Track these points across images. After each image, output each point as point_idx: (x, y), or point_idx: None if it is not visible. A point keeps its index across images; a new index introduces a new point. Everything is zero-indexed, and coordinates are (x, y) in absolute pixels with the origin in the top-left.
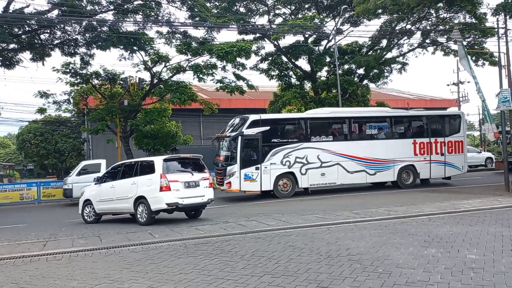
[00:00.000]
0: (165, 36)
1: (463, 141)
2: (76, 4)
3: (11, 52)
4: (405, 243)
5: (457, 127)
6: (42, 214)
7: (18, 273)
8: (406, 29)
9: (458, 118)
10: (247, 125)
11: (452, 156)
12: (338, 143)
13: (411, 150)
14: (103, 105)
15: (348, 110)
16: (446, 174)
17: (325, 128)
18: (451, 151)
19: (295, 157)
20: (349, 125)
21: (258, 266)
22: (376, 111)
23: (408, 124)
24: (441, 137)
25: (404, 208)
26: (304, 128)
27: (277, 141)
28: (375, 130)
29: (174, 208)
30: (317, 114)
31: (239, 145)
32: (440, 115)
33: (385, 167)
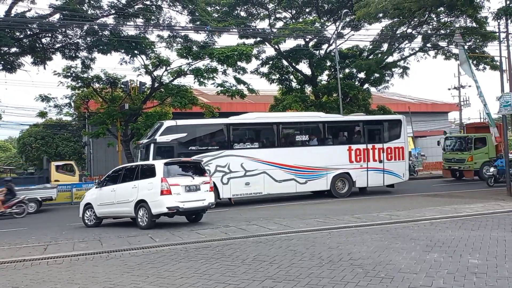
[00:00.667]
0: (166, 40)
1: (403, 147)
2: (78, 8)
3: (13, 55)
4: (407, 247)
5: (398, 133)
6: (43, 218)
7: (19, 276)
8: (407, 33)
9: (398, 123)
10: (160, 132)
11: (392, 163)
12: (265, 150)
13: (346, 157)
14: (104, 108)
15: (276, 115)
16: (385, 182)
17: (250, 134)
18: (391, 158)
19: (215, 165)
20: (277, 131)
21: (260, 271)
22: (308, 116)
23: (343, 130)
24: (379, 143)
25: (406, 212)
26: (226, 135)
27: (195, 148)
28: (306, 136)
29: (175, 212)
30: (240, 120)
31: (151, 153)
32: (378, 120)
33: (317, 175)
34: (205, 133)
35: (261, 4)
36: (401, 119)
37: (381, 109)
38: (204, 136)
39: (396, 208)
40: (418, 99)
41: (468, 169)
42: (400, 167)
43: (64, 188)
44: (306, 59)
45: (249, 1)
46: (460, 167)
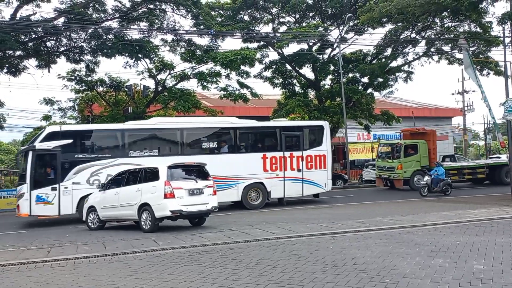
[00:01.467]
0: (169, 44)
1: (326, 155)
2: (82, 12)
3: (17, 59)
4: (411, 252)
5: (320, 140)
6: (45, 220)
7: (23, 279)
8: (411, 38)
9: (320, 130)
10: (42, 138)
11: (312, 172)
12: (165, 158)
13: (260, 166)
14: (107, 112)
15: (180, 120)
16: (304, 192)
17: (149, 141)
18: (311, 167)
19: (106, 175)
20: (181, 138)
21: (263, 275)
22: (218, 121)
23: (257, 137)
24: (298, 151)
25: (410, 217)
26: (121, 141)
27: (82, 156)
28: (215, 143)
29: (178, 215)
30: (138, 125)
31: (30, 161)
32: (297, 126)
33: (227, 185)
34: (96, 140)
35: (264, 8)
36: (324, 126)
37: (384, 114)
38: (94, 142)
39: (400, 213)
40: (421, 104)
41: (397, 178)
42: (322, 177)
43: None
44: (309, 64)
45: (253, 6)
46: (390, 176)
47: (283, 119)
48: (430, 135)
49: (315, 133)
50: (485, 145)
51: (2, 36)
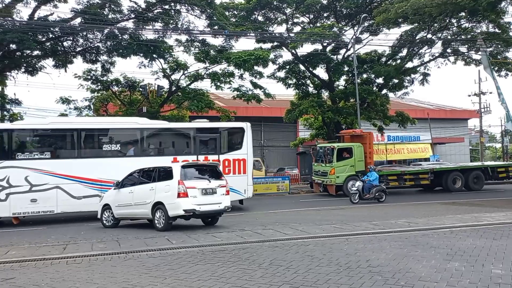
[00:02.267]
0: (184, 44)
1: (246, 159)
2: (98, 13)
3: (35, 58)
4: (427, 255)
5: (239, 143)
6: (61, 217)
7: (39, 275)
8: (427, 39)
9: (240, 132)
10: None
11: (230, 178)
12: (59, 161)
13: None
14: (122, 111)
15: (79, 120)
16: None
17: (40, 142)
18: (229, 172)
19: None
20: (78, 140)
21: (277, 275)
22: (122, 122)
23: (168, 139)
24: (214, 155)
25: (425, 220)
26: (7, 142)
27: None
28: (118, 145)
29: (191, 214)
30: (26, 125)
31: None
32: (214, 128)
33: None
34: None
35: (278, 8)
36: (244, 127)
37: (399, 115)
38: None
39: (415, 216)
40: (437, 106)
41: (330, 183)
42: (241, 182)
43: None
44: (323, 64)
45: (267, 6)
46: (324, 181)
47: (203, 120)
48: (366, 138)
49: (234, 135)
50: (502, 147)
51: (20, 36)
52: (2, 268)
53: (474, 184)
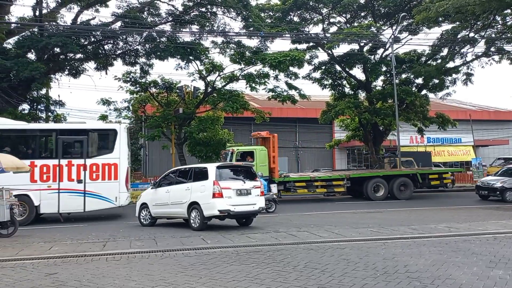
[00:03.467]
0: (219, 46)
1: (118, 164)
2: (138, 16)
3: (78, 61)
4: (468, 262)
5: (111, 146)
6: (100, 215)
7: (80, 271)
8: (469, 37)
9: (112, 135)
10: None
11: (99, 184)
12: None
13: (26, 175)
14: (159, 112)
15: None
16: (87, 207)
17: None
18: (97, 177)
19: None
20: None
21: (311, 278)
22: None
23: (24, 141)
24: (80, 159)
25: (466, 225)
26: None
27: None
28: None
29: (226, 215)
30: None
31: None
32: (80, 129)
33: None
34: None
35: (314, 9)
36: (117, 130)
37: (440, 117)
38: None
39: (456, 221)
40: (479, 107)
41: None
42: (112, 189)
43: None
44: (360, 64)
45: (303, 6)
46: None
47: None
48: (270, 140)
49: (104, 138)
50: None
51: (64, 40)
52: (46, 263)
53: (401, 192)
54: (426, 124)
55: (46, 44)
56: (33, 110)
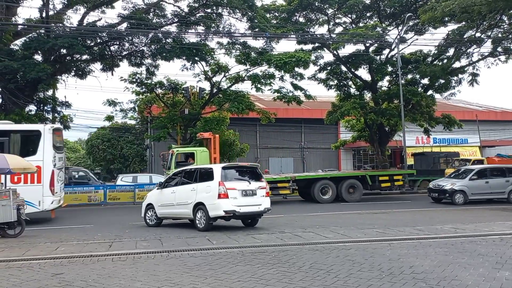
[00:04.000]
0: (225, 47)
1: (41, 166)
2: (144, 17)
3: (84, 62)
4: (474, 263)
5: (34, 148)
6: (107, 216)
7: (86, 271)
8: (475, 37)
9: (35, 136)
10: None
11: (20, 188)
12: None
13: None
14: (165, 113)
15: None
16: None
17: None
18: (19, 180)
19: None
20: None
21: (317, 279)
22: None
23: None
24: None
25: (472, 226)
26: None
27: None
28: None
29: (231, 215)
30: None
31: None
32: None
33: None
34: None
35: (320, 9)
36: (41, 131)
37: (446, 117)
38: None
39: (462, 221)
40: (486, 107)
41: None
42: (35, 193)
43: (128, 188)
44: (365, 65)
45: (308, 7)
46: None
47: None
48: (211, 141)
49: (27, 139)
50: None
51: (70, 41)
52: (52, 263)
53: (349, 194)
54: (432, 124)
55: (52, 46)
56: (40, 111)
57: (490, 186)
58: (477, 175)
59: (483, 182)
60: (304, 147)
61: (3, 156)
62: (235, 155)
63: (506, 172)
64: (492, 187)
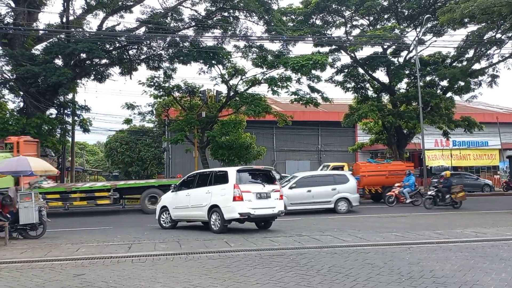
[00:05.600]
0: (242, 50)
1: None
2: (161, 22)
3: (103, 66)
4: (496, 268)
5: None
6: (124, 218)
7: (107, 272)
8: (495, 39)
9: None
10: None
11: None
12: None
13: None
14: (182, 116)
15: None
16: None
17: None
18: None
19: None
20: None
21: (335, 282)
22: None
23: None
24: None
25: (494, 230)
26: None
27: None
28: None
29: (246, 218)
30: None
31: None
32: None
33: None
34: None
35: (337, 12)
36: None
37: (465, 120)
38: None
39: (483, 225)
40: (507, 109)
41: None
42: None
43: None
44: (383, 67)
45: (325, 9)
46: None
47: None
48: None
49: None
50: None
51: (90, 45)
52: (74, 264)
53: None
54: (451, 127)
55: (73, 50)
56: (60, 115)
57: (313, 195)
58: (298, 183)
59: (305, 191)
60: (321, 149)
61: (25, 159)
62: (252, 158)
63: (334, 180)
64: (315, 196)
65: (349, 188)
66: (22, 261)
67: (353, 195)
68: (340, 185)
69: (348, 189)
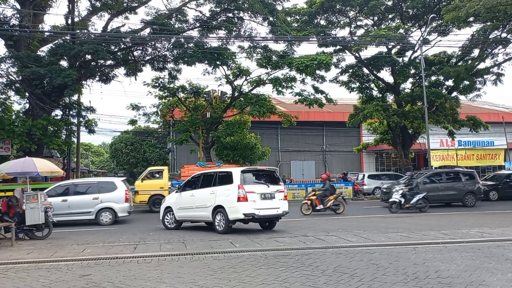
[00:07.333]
0: (246, 51)
1: None
2: (166, 23)
3: (108, 68)
4: (502, 268)
5: None
6: (130, 218)
7: (113, 273)
8: (501, 38)
9: None
10: None
11: None
12: None
13: None
14: (187, 117)
15: None
16: None
17: None
18: None
19: None
20: None
21: (341, 283)
22: None
23: None
24: None
25: (500, 230)
26: None
27: None
28: None
29: (251, 218)
30: None
31: None
32: None
33: None
34: None
35: (341, 12)
36: None
37: (471, 119)
38: None
39: (489, 226)
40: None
41: None
42: None
43: None
44: (388, 67)
45: (329, 10)
46: None
47: None
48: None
49: None
50: None
51: (95, 47)
52: (80, 265)
53: None
54: (456, 127)
55: (78, 52)
56: (66, 116)
57: (69, 205)
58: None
59: (59, 200)
60: (326, 150)
61: (31, 160)
62: (257, 158)
63: (98, 189)
64: (72, 206)
65: (115, 197)
66: (28, 261)
67: (120, 204)
68: (104, 194)
69: (114, 198)
